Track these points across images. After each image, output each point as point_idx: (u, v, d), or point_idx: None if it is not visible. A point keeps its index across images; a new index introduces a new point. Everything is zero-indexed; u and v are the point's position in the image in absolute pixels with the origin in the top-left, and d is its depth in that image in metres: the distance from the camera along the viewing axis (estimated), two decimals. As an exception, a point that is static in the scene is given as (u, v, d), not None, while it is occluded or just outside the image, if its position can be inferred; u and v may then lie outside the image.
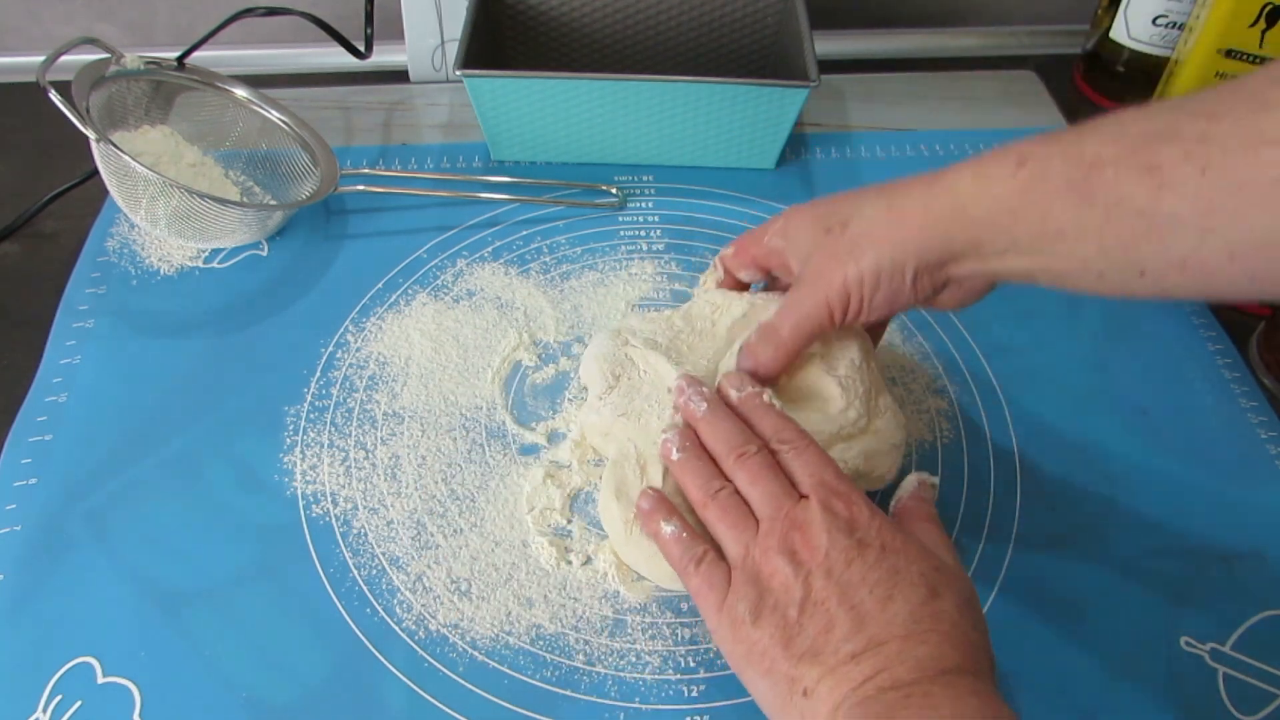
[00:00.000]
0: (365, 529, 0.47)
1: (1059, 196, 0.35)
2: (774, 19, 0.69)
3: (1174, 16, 0.69)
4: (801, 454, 0.40)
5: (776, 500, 0.38)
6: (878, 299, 0.40)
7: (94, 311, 0.56)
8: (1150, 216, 0.33)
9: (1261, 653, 0.44)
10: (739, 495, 0.40)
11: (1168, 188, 0.32)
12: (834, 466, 0.39)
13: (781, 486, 0.39)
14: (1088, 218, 0.34)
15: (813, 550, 0.36)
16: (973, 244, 0.38)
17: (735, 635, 0.37)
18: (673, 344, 0.47)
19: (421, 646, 0.43)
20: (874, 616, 0.34)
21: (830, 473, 0.39)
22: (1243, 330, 0.58)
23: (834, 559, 0.36)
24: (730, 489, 0.40)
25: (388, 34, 0.75)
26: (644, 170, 0.67)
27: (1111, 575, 0.46)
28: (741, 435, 0.41)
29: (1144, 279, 0.34)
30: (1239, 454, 0.51)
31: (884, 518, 0.38)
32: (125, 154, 0.52)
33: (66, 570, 0.45)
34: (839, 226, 0.41)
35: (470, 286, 0.58)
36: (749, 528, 0.39)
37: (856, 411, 0.44)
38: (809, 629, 0.35)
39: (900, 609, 0.34)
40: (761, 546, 0.38)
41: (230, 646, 0.43)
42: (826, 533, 0.36)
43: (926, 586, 0.35)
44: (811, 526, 0.37)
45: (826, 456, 0.40)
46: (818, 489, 0.38)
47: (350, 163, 0.65)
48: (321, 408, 0.52)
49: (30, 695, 0.41)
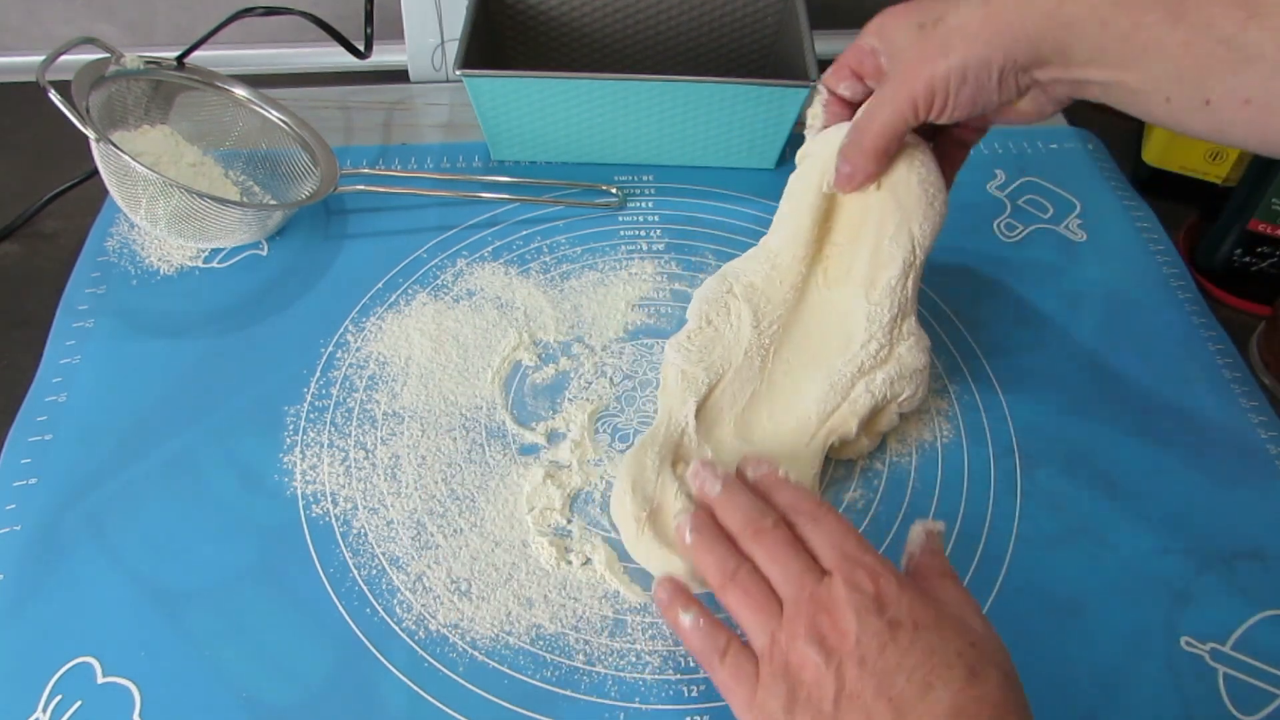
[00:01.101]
0: (365, 529, 0.47)
1: (1150, 10, 0.36)
2: (774, 19, 0.69)
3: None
4: (820, 523, 0.38)
5: (799, 579, 0.37)
6: (963, 96, 0.41)
7: (94, 311, 0.56)
8: (1231, 45, 0.34)
9: (1261, 653, 0.44)
10: (759, 574, 0.38)
11: (1256, 19, 0.33)
12: (854, 534, 0.38)
13: (802, 563, 0.37)
14: (1172, 36, 0.35)
15: (842, 636, 0.34)
16: (1060, 49, 0.38)
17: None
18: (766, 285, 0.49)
19: (421, 646, 0.43)
20: (913, 707, 0.32)
21: (851, 542, 0.37)
22: (1243, 330, 0.58)
23: (866, 645, 0.34)
24: (749, 567, 0.38)
25: (388, 34, 0.75)
26: (644, 170, 0.67)
27: (1111, 575, 0.46)
28: (757, 509, 0.40)
29: (1207, 109, 0.36)
30: (1239, 454, 0.51)
31: (912, 589, 0.36)
32: (125, 154, 0.52)
33: (66, 570, 0.45)
34: (932, 23, 0.41)
35: (470, 286, 0.58)
36: (773, 612, 0.37)
37: (878, 343, 0.47)
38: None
39: (942, 696, 0.32)
40: (788, 633, 0.36)
41: (230, 646, 0.43)
42: (855, 615, 0.34)
43: (966, 667, 0.33)
44: (839, 608, 0.35)
45: (846, 524, 0.38)
46: (841, 563, 0.36)
47: (350, 163, 0.65)
48: (321, 408, 0.52)
49: (30, 695, 0.41)
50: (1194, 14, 0.35)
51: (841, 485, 0.49)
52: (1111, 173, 0.68)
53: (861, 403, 0.47)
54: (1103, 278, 0.60)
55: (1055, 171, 0.67)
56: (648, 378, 0.54)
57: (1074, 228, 0.64)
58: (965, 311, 0.58)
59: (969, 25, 0.40)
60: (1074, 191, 0.66)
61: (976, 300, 0.59)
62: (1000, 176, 0.67)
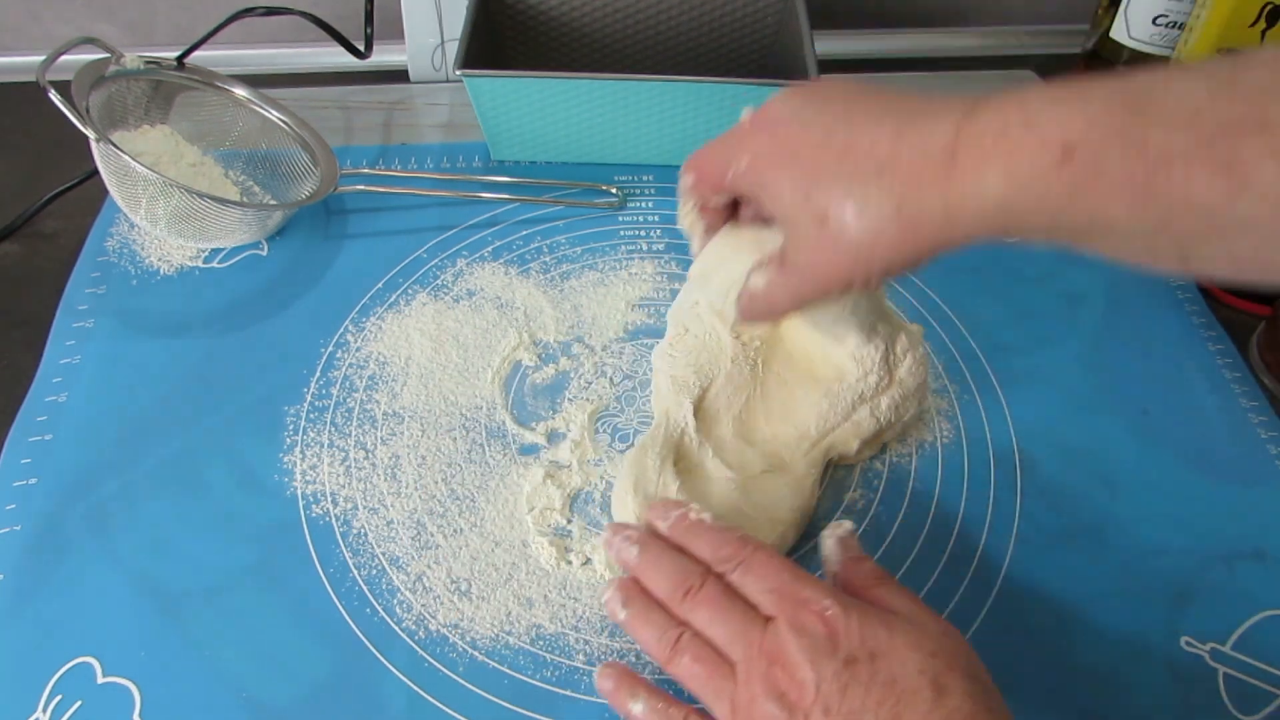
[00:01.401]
0: (365, 529, 0.47)
1: (1112, 198, 0.30)
2: (774, 19, 0.69)
3: (1174, 16, 0.69)
4: (750, 569, 0.37)
5: (743, 635, 0.35)
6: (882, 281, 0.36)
7: (94, 311, 0.56)
8: (1216, 218, 0.28)
9: (1261, 653, 0.44)
10: (701, 638, 0.37)
11: (1246, 189, 0.28)
12: (786, 568, 0.36)
13: (743, 616, 0.36)
14: (1143, 218, 0.30)
15: (801, 687, 0.33)
16: (1000, 233, 0.33)
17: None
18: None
19: (421, 646, 0.43)
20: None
21: (785, 578, 0.36)
22: (1243, 330, 0.58)
23: (826, 691, 0.33)
24: (690, 633, 0.37)
25: (388, 34, 0.75)
26: (644, 170, 0.67)
27: (1111, 575, 0.46)
28: (682, 570, 0.38)
29: (1186, 264, 0.31)
30: (1239, 454, 0.51)
31: (858, 612, 0.34)
32: (125, 154, 0.52)
33: (66, 570, 0.45)
34: (834, 220, 0.34)
35: (470, 286, 0.58)
36: (725, 675, 0.35)
37: (876, 376, 0.46)
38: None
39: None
40: (746, 695, 0.34)
41: (230, 646, 0.43)
42: (809, 662, 0.33)
43: (930, 685, 0.32)
44: (790, 657, 0.34)
45: (775, 559, 0.37)
46: (780, 606, 0.35)
47: (350, 163, 0.65)
48: (321, 408, 0.52)
49: (30, 695, 0.41)
50: (1167, 193, 0.29)
51: (841, 485, 0.49)
52: (1111, 173, 0.68)
53: (865, 426, 0.47)
54: (1103, 278, 0.60)
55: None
56: (648, 378, 0.54)
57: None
58: (965, 311, 0.58)
59: (883, 238, 0.34)
60: (1074, 191, 0.66)
61: (976, 300, 0.58)
62: (1000, 176, 0.67)
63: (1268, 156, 0.27)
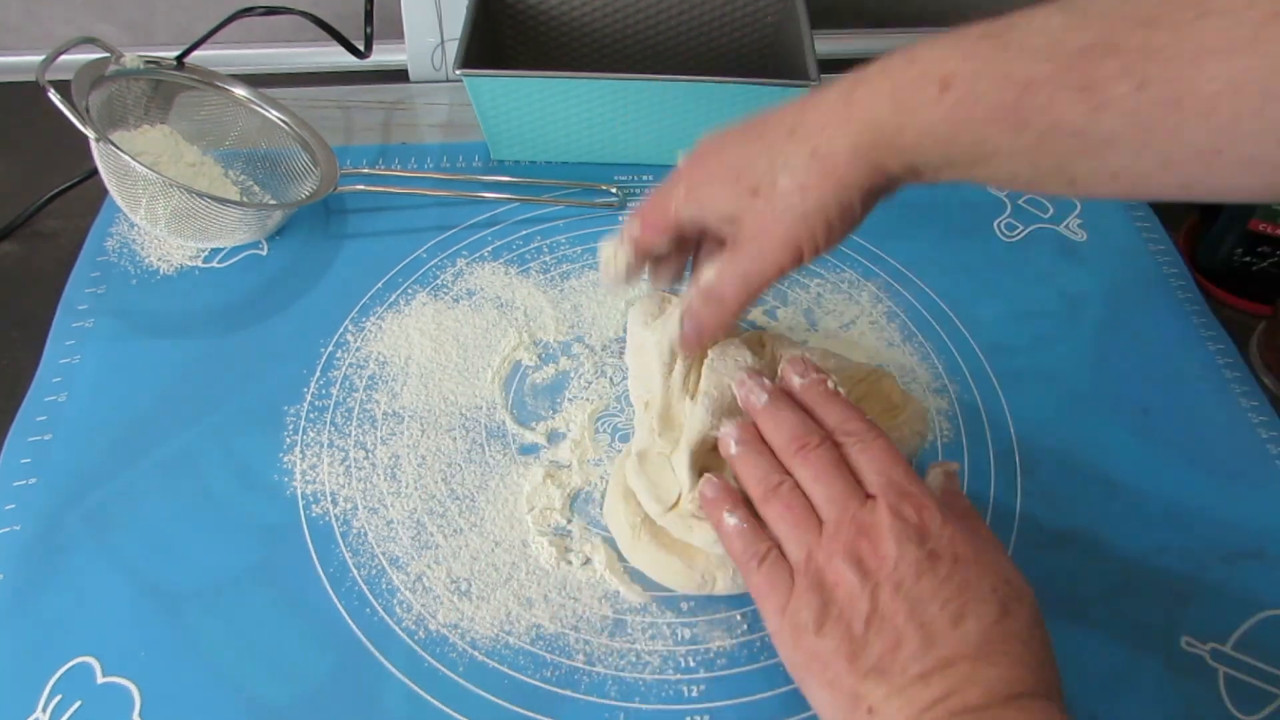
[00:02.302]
0: (365, 529, 0.47)
1: (990, 123, 0.33)
2: (774, 19, 0.69)
3: (1174, 16, 0.68)
4: (868, 448, 0.38)
5: (842, 500, 0.37)
6: (833, 238, 0.38)
7: (94, 311, 0.56)
8: (1085, 136, 0.32)
9: (1261, 653, 0.44)
10: (801, 491, 0.38)
11: (1104, 108, 0.31)
12: (904, 463, 0.37)
13: (846, 485, 0.37)
14: (1020, 140, 0.33)
15: (881, 560, 0.34)
16: (908, 168, 0.36)
17: (796, 642, 0.35)
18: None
19: (421, 646, 0.43)
20: (944, 635, 0.33)
21: (899, 470, 0.37)
22: (1243, 330, 0.58)
23: (903, 571, 0.34)
24: (791, 483, 0.38)
25: (388, 33, 0.75)
26: (644, 170, 0.67)
27: (1111, 575, 0.46)
28: (804, 426, 0.39)
29: (1074, 187, 0.34)
30: (1239, 454, 0.51)
31: (955, 524, 0.35)
32: (125, 153, 0.52)
33: (66, 570, 0.45)
34: (766, 186, 0.38)
35: (470, 286, 0.58)
36: (812, 528, 0.37)
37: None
38: (875, 645, 0.33)
39: (971, 628, 0.33)
40: (826, 551, 0.36)
41: (230, 646, 0.43)
42: (895, 541, 0.35)
43: (998, 603, 0.34)
44: (879, 533, 0.35)
45: (896, 452, 0.38)
46: (886, 490, 0.36)
47: (350, 162, 0.65)
48: (321, 407, 0.52)
49: (30, 695, 0.41)
50: (1036, 117, 0.32)
51: (841, 485, 0.49)
52: (1111, 173, 0.68)
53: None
54: (1103, 277, 0.60)
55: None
56: (648, 378, 0.54)
57: (1074, 227, 0.64)
58: (965, 311, 0.58)
59: (809, 181, 0.37)
60: (1074, 191, 0.66)
61: (976, 300, 0.59)
62: (1000, 176, 0.67)
63: (1120, 76, 0.30)
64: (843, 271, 0.60)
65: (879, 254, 0.61)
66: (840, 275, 0.60)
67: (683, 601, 0.45)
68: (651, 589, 0.45)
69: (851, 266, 0.60)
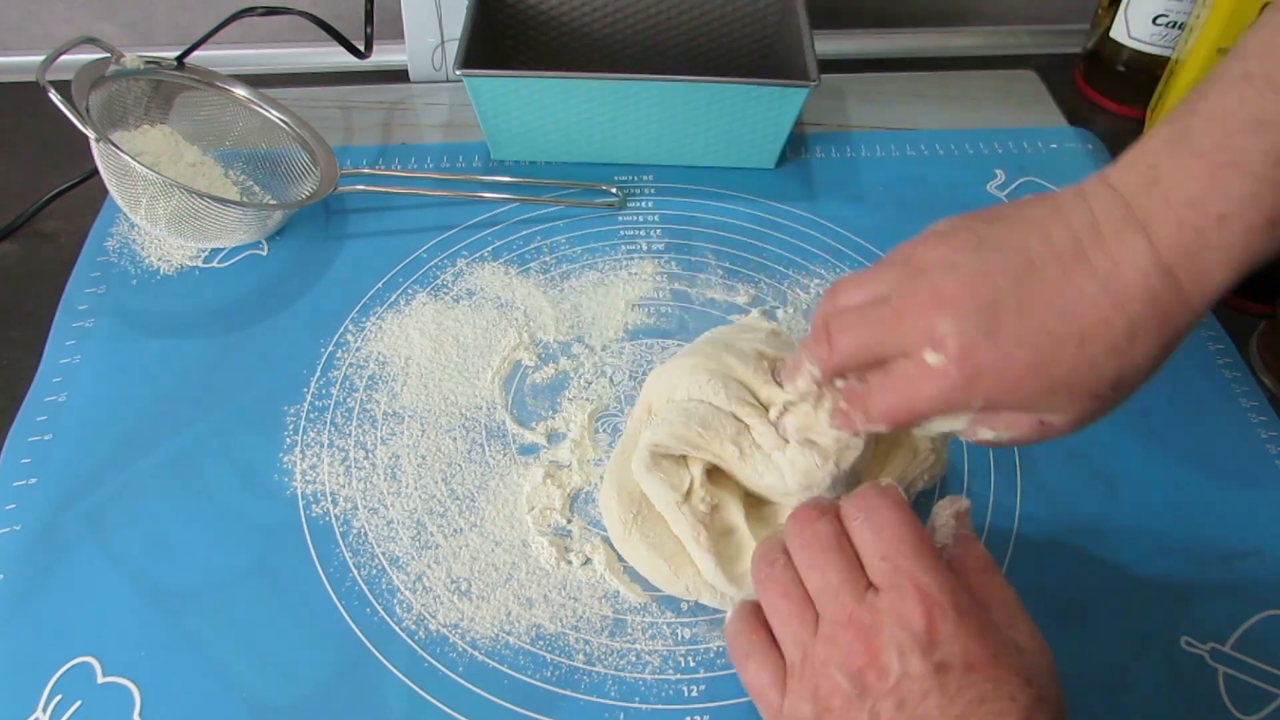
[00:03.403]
0: (365, 529, 0.47)
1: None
2: (774, 19, 0.69)
3: (1174, 16, 0.69)
4: (872, 520, 0.34)
5: (837, 595, 0.33)
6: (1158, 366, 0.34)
7: (94, 311, 0.56)
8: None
9: (1261, 653, 0.44)
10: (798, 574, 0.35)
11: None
12: (912, 537, 0.33)
13: (842, 576, 0.33)
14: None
15: (880, 673, 0.31)
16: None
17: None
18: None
19: (421, 646, 0.43)
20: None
21: (906, 551, 0.33)
22: (1243, 330, 0.58)
23: (906, 688, 0.30)
24: (786, 562, 0.35)
25: (388, 33, 0.75)
26: (644, 170, 0.67)
27: (1111, 575, 0.46)
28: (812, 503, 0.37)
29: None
30: (1239, 454, 0.51)
31: (970, 618, 0.31)
32: (125, 153, 0.52)
33: (66, 570, 0.45)
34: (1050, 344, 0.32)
35: (470, 286, 0.58)
36: (807, 622, 0.34)
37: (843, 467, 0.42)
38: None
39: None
40: (821, 655, 0.32)
41: (230, 646, 0.43)
42: (898, 654, 0.31)
43: (1018, 713, 0.30)
44: (879, 642, 0.31)
45: (905, 522, 0.34)
46: (889, 580, 0.32)
47: (350, 162, 0.65)
48: (321, 407, 0.52)
49: (30, 695, 0.41)
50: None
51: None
52: (1111, 173, 0.68)
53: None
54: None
55: (1055, 171, 0.67)
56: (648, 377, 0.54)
57: (1025, 197, 0.63)
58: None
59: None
60: (1074, 191, 0.66)
61: (976, 300, 0.58)
62: (1000, 176, 0.67)
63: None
64: (843, 271, 0.60)
65: (879, 254, 0.61)
66: (840, 275, 0.59)
67: (683, 601, 0.45)
68: (651, 589, 0.45)
69: (851, 266, 0.60)
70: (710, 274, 0.59)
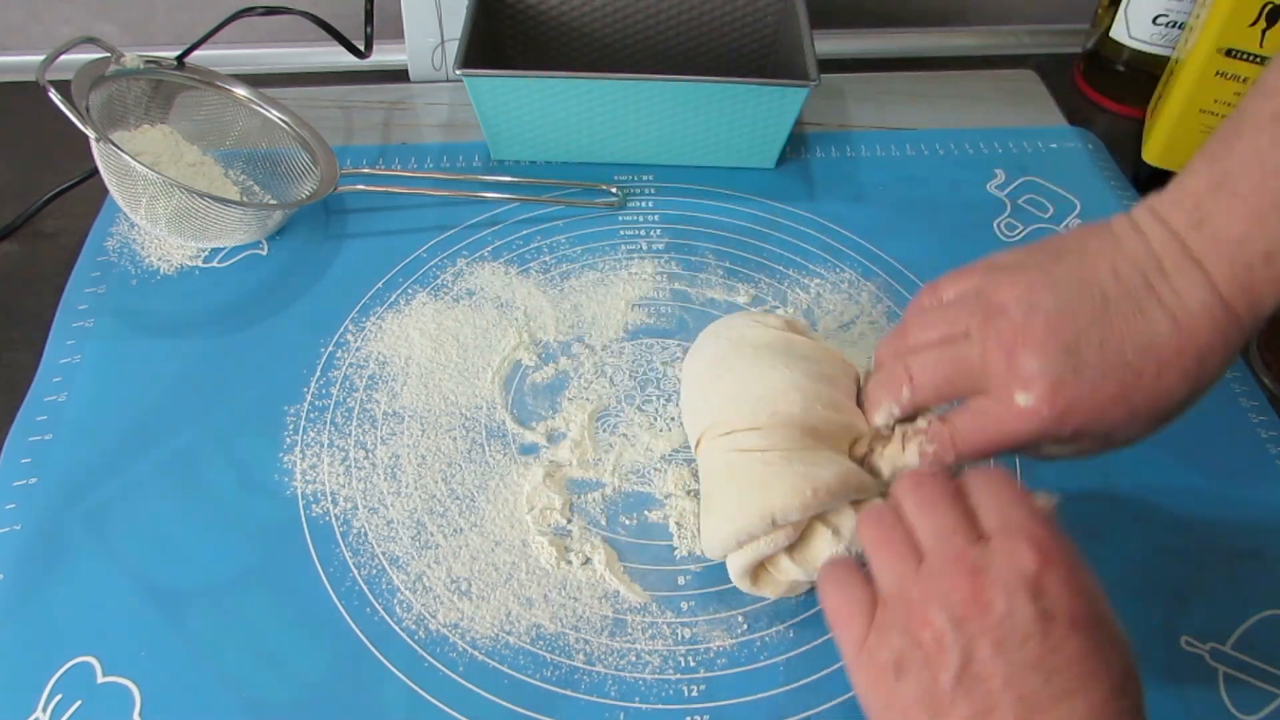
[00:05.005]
0: (365, 528, 0.47)
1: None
2: (774, 19, 0.69)
3: (1174, 16, 0.69)
4: (993, 488, 0.34)
5: (948, 534, 0.32)
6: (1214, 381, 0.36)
7: (94, 311, 0.56)
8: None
9: (1261, 653, 0.44)
10: (906, 520, 0.34)
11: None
12: (1027, 501, 0.33)
13: (957, 519, 0.33)
14: None
15: (984, 608, 0.30)
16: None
17: (872, 683, 0.32)
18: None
19: (421, 646, 0.43)
20: (1045, 712, 0.29)
21: (1022, 510, 0.32)
22: (1243, 330, 0.58)
23: (1008, 630, 0.29)
24: (895, 510, 0.35)
25: (388, 33, 0.75)
26: (644, 170, 0.67)
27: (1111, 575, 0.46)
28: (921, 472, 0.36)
29: None
30: (1239, 454, 0.51)
31: (1081, 579, 0.31)
32: (125, 153, 0.52)
33: (66, 570, 0.45)
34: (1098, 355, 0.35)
35: (470, 286, 0.58)
36: (909, 559, 0.33)
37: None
38: (961, 707, 0.29)
39: (1079, 708, 0.29)
40: (921, 588, 0.31)
41: (230, 646, 0.43)
42: (1005, 593, 0.30)
43: (1113, 680, 0.29)
44: (987, 579, 0.30)
45: (1024, 493, 0.34)
46: (1003, 530, 0.32)
47: (350, 162, 0.65)
48: (321, 407, 0.52)
49: (30, 695, 0.41)
50: None
51: (841, 485, 0.49)
52: (1112, 172, 0.68)
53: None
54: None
55: (1055, 171, 0.67)
56: (648, 377, 0.54)
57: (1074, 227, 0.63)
58: (965, 311, 0.58)
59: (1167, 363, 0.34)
60: (1074, 191, 0.66)
61: (976, 300, 0.58)
62: (1000, 176, 0.67)
63: None
64: (842, 271, 0.60)
65: (879, 254, 0.61)
66: (840, 275, 0.59)
67: (683, 601, 0.45)
68: (651, 589, 0.45)
69: (851, 266, 0.60)
70: (710, 274, 0.59)
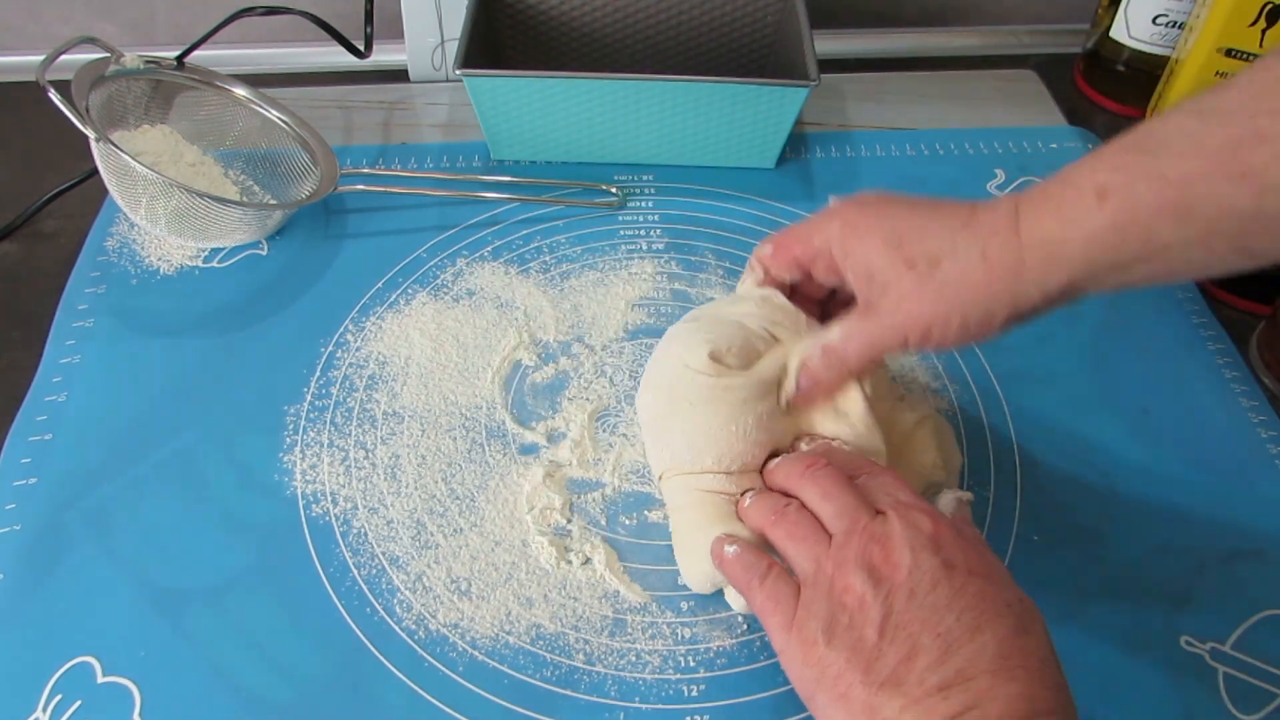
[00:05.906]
0: (365, 528, 0.47)
1: (1156, 219, 0.34)
2: (774, 19, 0.69)
3: (1174, 16, 0.69)
4: (876, 476, 0.38)
5: (852, 513, 0.36)
6: (962, 338, 0.38)
7: (94, 311, 0.56)
8: (1257, 218, 0.33)
9: (1261, 653, 0.44)
10: (808, 511, 0.38)
11: (1268, 191, 0.32)
12: (913, 490, 0.38)
13: (856, 499, 0.37)
14: (1189, 231, 0.34)
15: (894, 567, 0.34)
16: (1069, 285, 0.36)
17: (805, 657, 0.34)
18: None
19: (421, 646, 0.43)
20: (962, 646, 0.32)
21: (908, 494, 0.37)
22: (1243, 330, 0.58)
23: (918, 579, 0.33)
24: (798, 504, 0.38)
25: (388, 33, 0.75)
26: (644, 170, 0.67)
27: (1111, 575, 0.46)
28: (809, 457, 0.40)
29: (1253, 259, 0.35)
30: (1239, 454, 0.51)
31: (969, 537, 0.35)
32: (125, 153, 0.52)
33: (66, 570, 0.45)
34: (925, 263, 0.38)
35: (470, 286, 0.58)
36: (820, 541, 0.36)
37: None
38: (889, 655, 0.33)
39: (989, 640, 0.32)
40: (836, 560, 0.35)
41: (230, 646, 0.43)
42: (910, 549, 0.34)
43: (1014, 618, 0.33)
44: (892, 541, 0.35)
45: (903, 480, 0.38)
46: (896, 505, 0.36)
47: (350, 162, 0.65)
48: (321, 407, 0.52)
49: (30, 695, 0.41)
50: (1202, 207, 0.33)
51: (841, 485, 0.49)
52: (1111, 172, 0.68)
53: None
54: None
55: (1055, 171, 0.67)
56: (648, 377, 0.54)
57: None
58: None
59: (969, 277, 0.37)
60: (1074, 191, 0.66)
61: (976, 300, 0.58)
62: (1000, 176, 0.67)
63: (1273, 160, 0.32)
64: (843, 271, 0.60)
65: (879, 254, 0.61)
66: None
67: (683, 601, 0.45)
68: (651, 589, 0.45)
69: (851, 266, 0.60)
70: (710, 274, 0.59)
